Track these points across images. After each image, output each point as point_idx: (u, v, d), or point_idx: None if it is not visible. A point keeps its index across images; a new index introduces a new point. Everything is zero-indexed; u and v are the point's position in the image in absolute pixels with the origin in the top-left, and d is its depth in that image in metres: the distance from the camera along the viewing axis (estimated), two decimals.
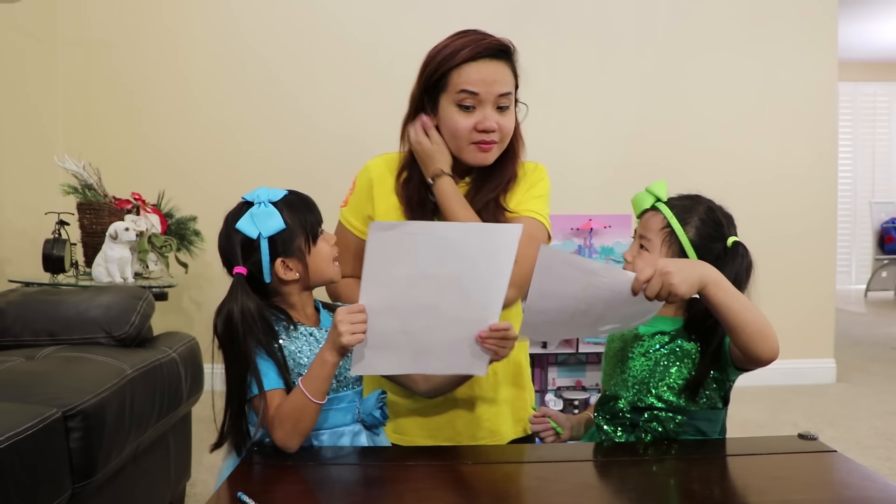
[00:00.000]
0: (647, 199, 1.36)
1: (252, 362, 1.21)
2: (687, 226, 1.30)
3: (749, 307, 1.16)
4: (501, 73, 1.43)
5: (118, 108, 3.81)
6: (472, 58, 1.41)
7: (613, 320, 1.22)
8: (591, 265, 1.13)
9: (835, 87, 4.06)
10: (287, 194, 1.31)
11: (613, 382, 1.38)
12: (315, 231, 1.31)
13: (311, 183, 3.68)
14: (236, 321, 1.21)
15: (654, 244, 1.32)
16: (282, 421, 1.19)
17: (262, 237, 1.25)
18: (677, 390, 1.29)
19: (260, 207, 1.26)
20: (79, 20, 3.79)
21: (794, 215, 4.01)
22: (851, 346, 5.12)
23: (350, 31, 3.84)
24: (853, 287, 8.43)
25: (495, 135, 1.44)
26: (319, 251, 1.32)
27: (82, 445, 1.52)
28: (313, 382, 1.18)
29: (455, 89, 1.42)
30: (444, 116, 1.46)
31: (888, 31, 7.08)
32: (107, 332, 2.04)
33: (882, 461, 2.84)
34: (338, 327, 1.14)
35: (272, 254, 1.26)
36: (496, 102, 1.43)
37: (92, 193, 2.93)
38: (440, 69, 1.43)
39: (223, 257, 1.30)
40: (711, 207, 1.34)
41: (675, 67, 3.98)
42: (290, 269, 1.29)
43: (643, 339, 1.35)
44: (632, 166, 3.91)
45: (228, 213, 1.31)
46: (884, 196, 8.36)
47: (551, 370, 2.94)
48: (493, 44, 1.43)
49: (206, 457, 2.80)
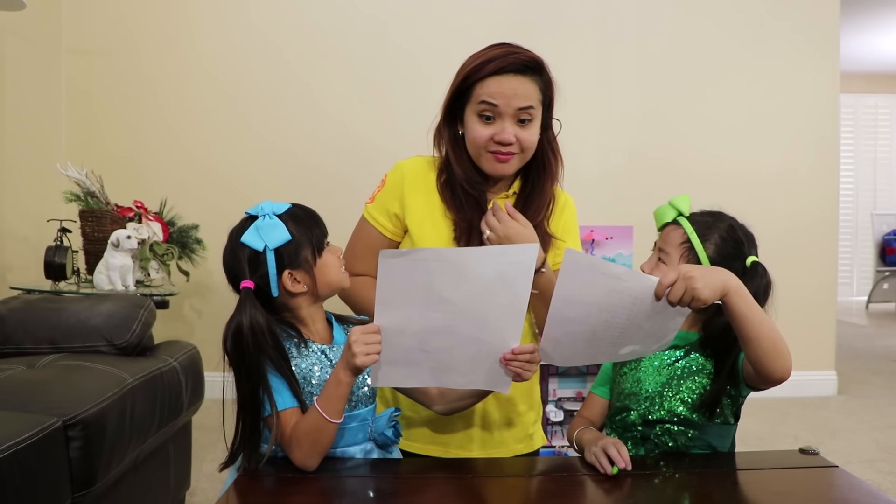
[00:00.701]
0: (670, 212, 1.36)
1: (264, 378, 1.21)
2: (707, 242, 1.31)
3: (767, 321, 1.16)
4: (524, 87, 1.45)
5: (121, 116, 3.83)
6: (497, 72, 1.43)
7: (634, 339, 1.20)
8: (615, 269, 1.13)
9: (836, 100, 4.07)
10: (291, 207, 1.31)
11: (624, 395, 1.38)
12: (321, 242, 1.31)
13: (314, 192, 3.73)
14: (246, 336, 1.20)
15: (673, 258, 1.32)
16: (299, 441, 1.19)
17: (269, 249, 1.24)
18: (690, 405, 1.29)
19: (265, 220, 1.26)
20: (82, 28, 3.80)
21: (796, 227, 4.01)
22: (853, 358, 5.11)
23: (352, 39, 3.85)
24: (854, 299, 8.42)
25: (513, 147, 1.46)
26: (326, 262, 1.31)
27: (82, 455, 1.52)
28: (329, 402, 1.18)
29: (476, 100, 1.45)
30: (467, 124, 1.49)
31: (889, 43, 7.10)
32: (108, 340, 2.04)
33: (884, 475, 2.83)
34: (352, 348, 1.14)
35: (279, 266, 1.26)
36: (516, 116, 1.44)
37: (94, 201, 2.94)
38: (467, 80, 1.47)
39: (229, 273, 1.29)
40: (733, 226, 1.34)
41: (677, 80, 3.99)
42: (297, 281, 1.28)
43: (656, 355, 1.35)
44: (634, 179, 3.92)
45: (232, 230, 1.30)
46: (885, 208, 8.35)
47: (552, 381, 2.93)
48: (520, 59, 1.45)
49: (205, 465, 2.79)
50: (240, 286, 1.25)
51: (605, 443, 1.23)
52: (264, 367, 1.20)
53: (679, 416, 1.29)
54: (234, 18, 3.84)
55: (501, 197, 1.55)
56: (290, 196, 3.89)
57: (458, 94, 1.49)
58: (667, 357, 1.33)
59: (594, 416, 1.45)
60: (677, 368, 1.31)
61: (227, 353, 1.22)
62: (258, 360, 1.20)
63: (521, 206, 1.52)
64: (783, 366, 1.16)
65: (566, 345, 1.21)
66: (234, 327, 1.21)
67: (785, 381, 1.19)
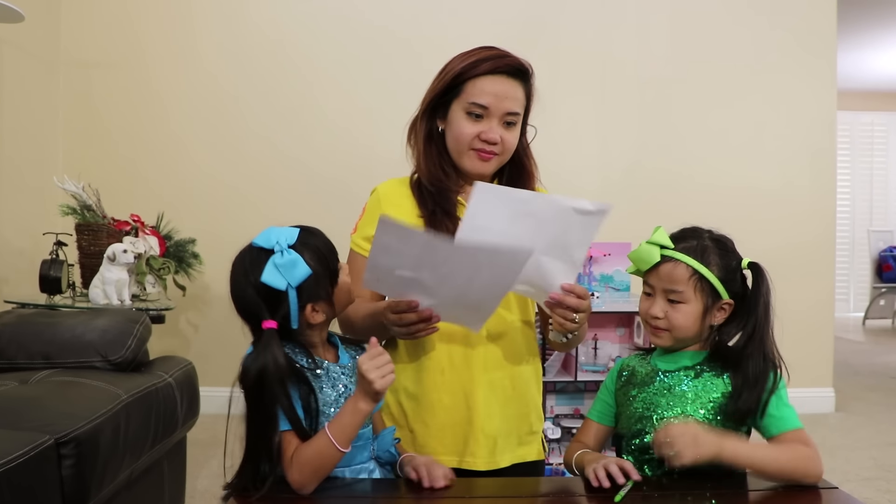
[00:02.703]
0: (654, 252, 1.31)
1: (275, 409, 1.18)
2: (710, 266, 1.30)
3: (773, 459, 1.21)
4: (514, 91, 1.48)
5: (119, 129, 3.83)
6: (491, 71, 1.46)
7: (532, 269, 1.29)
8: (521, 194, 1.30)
9: (834, 117, 4.08)
10: (301, 233, 1.25)
11: (635, 418, 1.35)
12: (336, 268, 1.28)
13: (313, 204, 3.72)
14: (271, 379, 1.16)
15: (688, 295, 1.29)
16: (301, 465, 1.17)
17: (291, 287, 1.20)
18: (705, 423, 1.28)
19: (283, 256, 1.20)
20: (81, 41, 3.81)
21: (794, 244, 4.00)
22: (850, 375, 5.10)
23: (353, 51, 3.86)
24: (851, 315, 8.43)
25: (497, 147, 1.48)
26: (342, 285, 1.29)
27: (75, 473, 1.50)
28: (343, 431, 1.16)
29: (467, 98, 1.47)
30: (452, 120, 1.50)
31: (885, 62, 7.15)
32: (102, 355, 2.03)
33: (882, 493, 2.82)
34: (366, 376, 1.14)
35: (300, 301, 1.22)
36: (503, 118, 1.47)
37: (91, 214, 2.93)
38: (459, 77, 1.48)
39: (244, 311, 1.24)
40: (713, 237, 1.34)
41: (674, 97, 4.01)
42: (317, 311, 1.26)
43: (667, 376, 1.34)
44: (632, 194, 3.92)
45: (241, 262, 1.24)
46: (882, 224, 8.38)
47: (549, 398, 2.92)
48: (513, 62, 1.48)
49: (200, 482, 2.77)
50: (261, 326, 1.20)
51: (608, 461, 1.23)
52: (278, 408, 1.18)
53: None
54: (232, 31, 3.85)
55: None
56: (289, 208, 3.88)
57: (446, 90, 1.50)
58: (679, 381, 1.32)
59: (591, 442, 1.44)
60: (689, 389, 1.30)
61: (244, 388, 1.19)
62: (275, 401, 1.17)
63: None
64: (813, 478, 1.22)
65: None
66: (257, 369, 1.17)
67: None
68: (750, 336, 1.29)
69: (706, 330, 1.33)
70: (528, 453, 1.58)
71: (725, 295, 1.30)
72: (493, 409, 1.50)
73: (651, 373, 1.36)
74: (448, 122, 1.51)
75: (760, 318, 1.29)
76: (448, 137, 1.52)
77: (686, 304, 1.30)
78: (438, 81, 1.52)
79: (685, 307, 1.30)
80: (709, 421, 1.27)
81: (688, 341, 1.34)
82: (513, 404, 1.54)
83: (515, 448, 1.55)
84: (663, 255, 1.31)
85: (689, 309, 1.30)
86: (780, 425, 1.26)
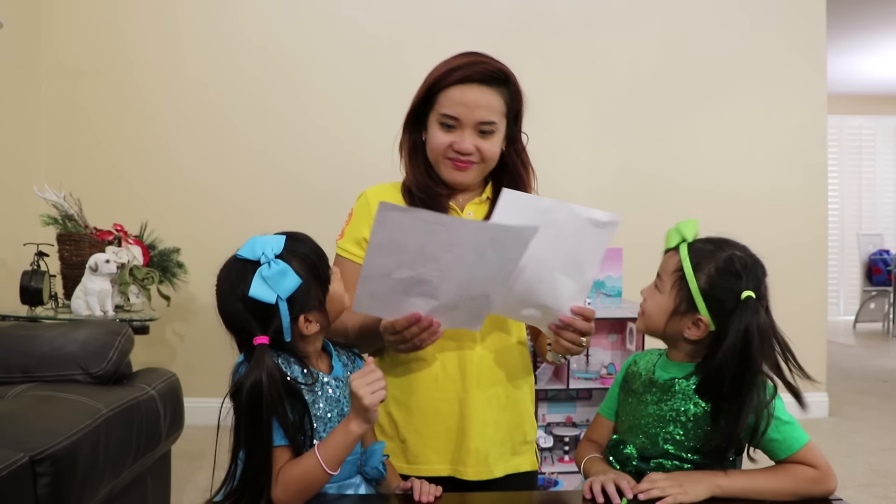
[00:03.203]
0: (674, 237, 1.29)
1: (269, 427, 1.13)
2: (699, 272, 1.22)
3: (774, 485, 1.18)
4: (487, 99, 1.43)
5: (101, 137, 3.77)
6: (461, 81, 1.42)
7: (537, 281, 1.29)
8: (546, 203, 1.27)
9: (824, 121, 4.07)
10: (287, 241, 1.19)
11: (626, 426, 1.33)
12: (327, 275, 1.23)
13: (300, 210, 3.67)
14: (266, 396, 1.11)
15: (666, 286, 1.26)
16: (287, 484, 1.12)
17: (281, 300, 1.14)
18: (685, 445, 1.23)
19: (271, 267, 1.14)
20: (62, 48, 3.75)
21: (785, 249, 3.98)
22: (843, 379, 5.09)
23: (338, 56, 3.82)
24: (842, 318, 8.43)
25: (473, 157, 1.45)
26: (334, 293, 1.24)
27: (51, 491, 1.45)
28: (334, 452, 1.12)
29: (439, 109, 1.44)
30: (429, 132, 1.48)
31: (873, 65, 7.17)
32: (83, 368, 1.97)
33: (880, 500, 2.79)
34: (356, 393, 1.10)
35: (291, 313, 1.16)
36: (477, 128, 1.44)
37: (72, 224, 2.87)
38: (432, 88, 1.45)
39: (233, 326, 1.18)
40: (733, 258, 1.22)
41: (665, 101, 3.99)
42: (310, 321, 1.20)
43: (654, 387, 1.29)
44: (623, 200, 3.89)
45: (226, 276, 1.18)
46: (871, 228, 8.40)
47: (541, 406, 2.88)
48: (486, 69, 1.43)
49: (186, 495, 2.71)
50: (253, 342, 1.15)
51: (606, 479, 1.19)
52: (272, 420, 1.13)
53: (675, 457, 1.24)
54: (217, 37, 3.81)
55: (474, 202, 1.53)
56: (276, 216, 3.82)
57: (423, 100, 1.48)
58: (663, 392, 1.27)
59: (602, 439, 1.40)
60: (673, 404, 1.25)
61: (236, 407, 1.13)
62: (270, 418, 1.12)
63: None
64: (823, 493, 1.19)
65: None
66: (251, 385, 1.11)
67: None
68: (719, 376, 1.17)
69: (677, 336, 1.26)
70: (521, 464, 1.54)
71: (703, 311, 1.21)
72: (488, 418, 1.46)
73: (647, 382, 1.31)
74: (427, 132, 1.49)
75: (726, 356, 1.16)
76: (427, 148, 1.50)
77: (661, 294, 1.27)
78: (417, 93, 1.50)
79: (659, 297, 1.27)
80: (686, 442, 1.23)
81: (656, 334, 1.30)
82: (507, 413, 1.51)
83: (509, 458, 1.52)
84: (677, 244, 1.28)
85: (661, 300, 1.26)
86: (785, 449, 1.20)
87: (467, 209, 1.51)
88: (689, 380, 1.25)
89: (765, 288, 1.24)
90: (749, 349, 1.15)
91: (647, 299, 1.30)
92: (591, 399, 2.87)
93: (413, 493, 1.22)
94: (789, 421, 1.21)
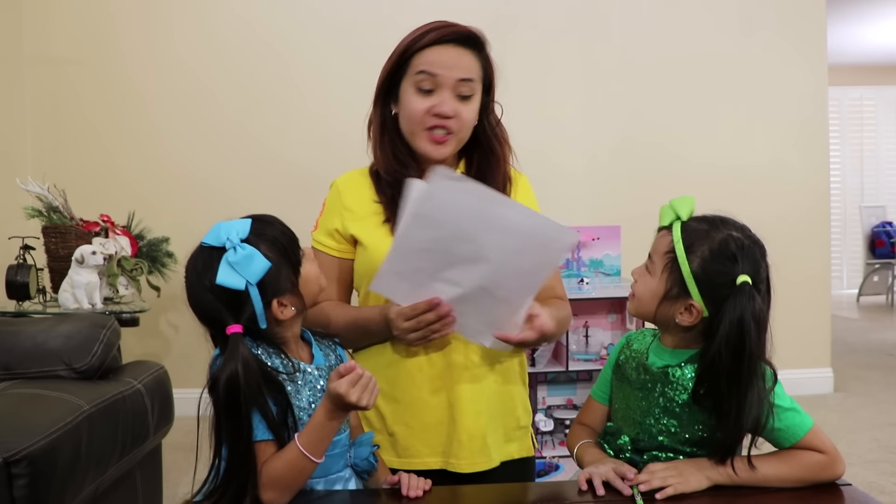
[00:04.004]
0: (668, 215, 1.20)
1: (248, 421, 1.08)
2: (692, 255, 1.14)
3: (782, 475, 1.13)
4: (465, 59, 1.39)
5: (85, 127, 3.70)
6: (437, 41, 1.38)
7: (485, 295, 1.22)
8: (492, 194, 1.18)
9: (825, 92, 4.00)
10: (253, 224, 1.13)
11: (619, 414, 1.28)
12: (297, 255, 1.17)
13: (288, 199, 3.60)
14: (243, 387, 1.06)
15: (656, 268, 1.18)
16: (272, 480, 1.08)
17: (251, 285, 1.09)
18: (680, 438, 1.18)
19: (237, 252, 1.08)
20: (44, 37, 3.68)
21: (787, 223, 3.92)
22: (847, 353, 5.04)
23: (326, 39, 3.75)
24: (845, 292, 8.38)
25: (452, 122, 1.38)
26: (308, 274, 1.18)
27: (29, 493, 1.39)
28: (316, 437, 1.08)
29: (414, 71, 1.39)
30: (403, 101, 1.41)
31: (874, 35, 7.06)
32: (67, 364, 1.90)
33: (887, 476, 2.74)
34: (349, 400, 1.06)
35: (264, 299, 1.11)
36: (456, 88, 1.38)
37: (58, 216, 2.82)
38: (404, 53, 1.40)
39: (205, 318, 1.13)
40: (729, 238, 1.14)
41: (664, 74, 3.91)
42: (285, 305, 1.14)
43: (647, 373, 1.23)
44: (621, 176, 3.83)
45: (192, 266, 1.13)
46: (873, 200, 8.32)
47: (541, 388, 2.83)
48: (460, 30, 1.39)
49: (181, 488, 2.67)
50: (226, 332, 1.09)
51: (607, 470, 1.14)
52: (252, 411, 1.08)
53: (669, 448, 1.18)
54: (204, 21, 3.73)
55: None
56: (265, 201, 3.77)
57: (394, 69, 1.42)
58: (656, 379, 1.21)
59: (594, 423, 1.36)
60: (667, 394, 1.19)
61: (215, 402, 1.08)
62: (249, 411, 1.07)
63: None
64: (830, 478, 1.15)
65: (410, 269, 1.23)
66: (227, 377, 1.06)
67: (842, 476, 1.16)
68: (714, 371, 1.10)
69: (668, 321, 1.19)
70: (517, 450, 1.49)
71: (696, 296, 1.14)
72: (479, 406, 1.41)
73: (640, 369, 1.25)
74: (400, 102, 1.42)
75: (720, 349, 1.09)
76: (401, 119, 1.43)
77: (651, 276, 1.19)
78: (387, 62, 1.44)
79: (649, 279, 1.20)
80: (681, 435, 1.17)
81: (647, 318, 1.23)
82: (497, 400, 1.45)
83: (503, 445, 1.46)
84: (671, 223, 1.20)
85: (651, 283, 1.19)
86: (790, 437, 1.14)
87: None
88: (684, 368, 1.18)
89: (764, 270, 1.15)
90: (744, 339, 1.08)
91: (638, 281, 1.23)
92: (590, 380, 2.82)
93: (401, 487, 1.17)
94: (791, 407, 1.14)
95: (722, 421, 1.11)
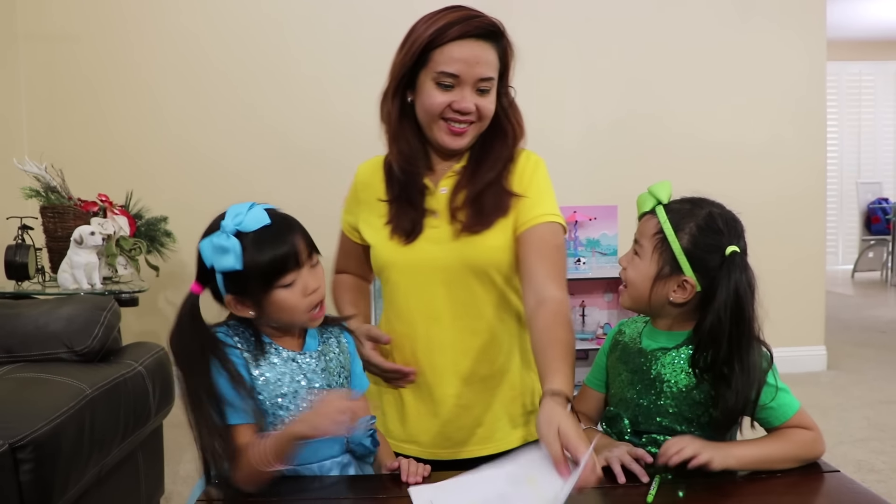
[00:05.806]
0: (648, 201, 1.25)
1: (212, 388, 1.10)
2: (681, 232, 1.19)
3: (782, 453, 1.15)
4: (486, 55, 1.37)
5: (82, 105, 3.67)
6: (460, 37, 1.35)
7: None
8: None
9: (823, 68, 3.98)
10: (265, 229, 1.12)
11: (617, 398, 1.30)
12: (277, 279, 1.13)
13: (288, 177, 3.61)
14: (185, 342, 1.12)
15: (646, 250, 1.22)
16: (243, 465, 1.10)
17: (216, 270, 1.12)
18: (678, 417, 1.20)
19: (221, 238, 1.10)
20: (38, 13, 3.64)
21: (783, 199, 3.93)
22: (841, 330, 5.08)
23: (329, 17, 3.72)
24: (840, 268, 8.42)
25: (472, 116, 1.38)
26: (282, 301, 1.15)
27: (34, 478, 1.42)
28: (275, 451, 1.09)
29: (435, 68, 1.36)
30: (421, 93, 1.39)
31: (873, 10, 7.01)
32: (68, 346, 1.93)
33: (876, 455, 2.78)
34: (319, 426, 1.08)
35: (226, 286, 1.14)
36: (476, 85, 1.37)
37: (55, 196, 2.81)
38: (427, 47, 1.36)
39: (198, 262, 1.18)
40: (712, 214, 1.20)
41: (659, 53, 3.89)
42: (243, 306, 1.16)
43: (644, 356, 1.25)
44: (617, 155, 3.83)
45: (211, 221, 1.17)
46: (870, 176, 8.32)
47: None
48: (483, 24, 1.36)
49: (182, 467, 2.71)
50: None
51: (622, 453, 1.15)
52: (210, 375, 1.11)
53: (668, 429, 1.21)
54: (198, 1, 3.69)
55: (448, 176, 1.44)
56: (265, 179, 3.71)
57: (414, 61, 1.38)
58: (653, 360, 1.24)
59: (590, 411, 1.37)
60: (663, 376, 1.22)
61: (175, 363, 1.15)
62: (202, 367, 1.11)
63: (472, 169, 1.43)
64: (815, 459, 1.19)
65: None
66: (170, 336, 1.14)
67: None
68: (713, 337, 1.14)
69: (662, 302, 1.22)
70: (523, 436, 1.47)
71: (688, 271, 1.18)
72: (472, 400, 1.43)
73: (635, 353, 1.28)
74: (417, 92, 1.40)
75: (719, 314, 1.13)
76: (418, 108, 1.41)
77: (642, 259, 1.23)
78: (405, 53, 1.39)
79: (640, 263, 1.23)
80: (679, 414, 1.20)
81: (641, 306, 1.26)
82: (491, 392, 1.45)
83: (510, 431, 1.47)
84: (652, 207, 1.24)
85: (643, 267, 1.22)
86: (780, 416, 1.19)
87: (441, 185, 1.44)
88: (679, 350, 1.21)
89: (744, 242, 1.21)
90: (741, 304, 1.13)
91: (628, 268, 1.26)
92: (587, 360, 2.85)
93: (400, 473, 1.19)
94: (783, 388, 1.19)
95: (722, 391, 1.14)
